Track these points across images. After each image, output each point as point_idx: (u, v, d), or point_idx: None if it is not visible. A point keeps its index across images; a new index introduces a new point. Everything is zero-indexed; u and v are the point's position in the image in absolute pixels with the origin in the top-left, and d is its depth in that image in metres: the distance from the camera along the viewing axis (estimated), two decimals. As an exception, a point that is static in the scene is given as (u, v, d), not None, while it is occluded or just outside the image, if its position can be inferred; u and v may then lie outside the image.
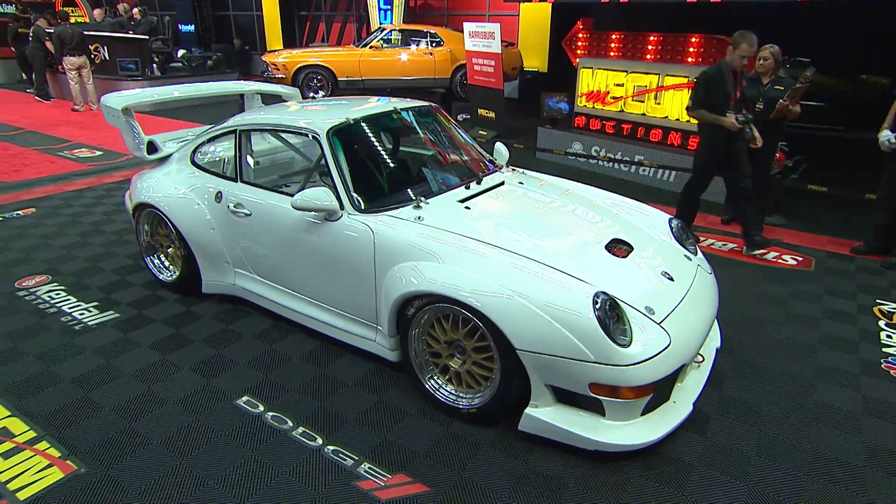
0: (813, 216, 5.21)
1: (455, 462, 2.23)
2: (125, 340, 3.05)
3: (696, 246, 3.07)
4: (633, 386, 2.12)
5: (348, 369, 2.80)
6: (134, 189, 3.64)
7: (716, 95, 4.04)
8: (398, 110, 3.28)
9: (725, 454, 2.31)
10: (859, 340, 3.20)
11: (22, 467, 2.15)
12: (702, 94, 4.10)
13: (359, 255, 2.61)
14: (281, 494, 2.06)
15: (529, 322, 2.15)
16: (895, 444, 2.40)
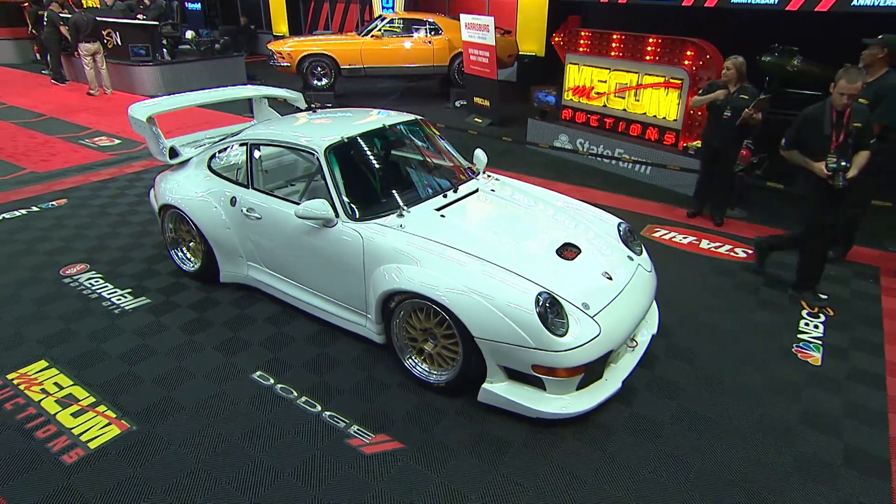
0: (773, 210, 5.66)
1: (426, 425, 2.81)
2: (157, 323, 3.63)
3: (642, 247, 3.58)
4: (567, 367, 2.67)
5: (343, 349, 3.37)
6: (158, 190, 4.18)
7: (810, 137, 3.73)
8: (386, 127, 3.78)
9: (644, 422, 2.87)
10: (780, 328, 3.73)
11: (88, 424, 2.76)
12: (793, 135, 3.81)
13: (351, 256, 3.15)
14: (287, 449, 2.65)
15: (485, 316, 2.70)
16: (785, 414, 2.95)
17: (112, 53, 11.16)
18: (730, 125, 4.86)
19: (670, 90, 6.17)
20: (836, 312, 3.93)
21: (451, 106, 10.05)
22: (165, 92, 11.00)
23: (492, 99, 8.71)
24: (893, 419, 2.95)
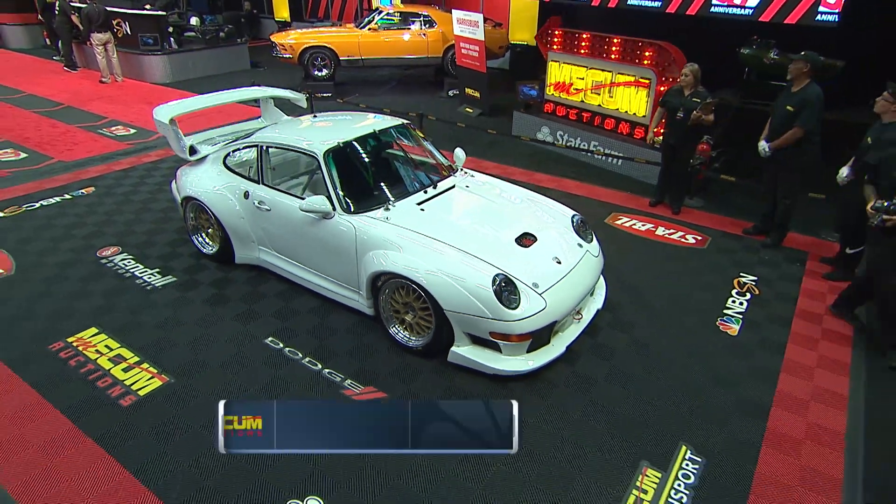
0: (728, 201, 6.27)
1: (406, 380, 3.51)
2: (183, 298, 4.32)
3: (593, 235, 4.22)
4: (517, 334, 3.35)
5: (339, 320, 4.06)
6: (180, 183, 4.83)
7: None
8: (377, 131, 4.42)
9: (581, 378, 3.57)
10: (711, 305, 4.40)
11: (136, 377, 3.46)
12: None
13: (346, 243, 3.81)
14: (294, 397, 3.36)
15: (453, 293, 3.37)
16: (698, 374, 3.64)
17: (122, 42, 11.67)
18: (683, 125, 5.47)
19: (640, 88, 6.75)
20: (761, 291, 4.60)
21: (444, 95, 10.60)
22: (173, 79, 11.62)
23: (481, 90, 9.27)
24: (784, 377, 3.64)
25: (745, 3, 6.33)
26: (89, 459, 2.91)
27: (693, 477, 2.92)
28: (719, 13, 6.70)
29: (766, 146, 5.01)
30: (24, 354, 3.65)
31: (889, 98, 4.26)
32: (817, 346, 3.97)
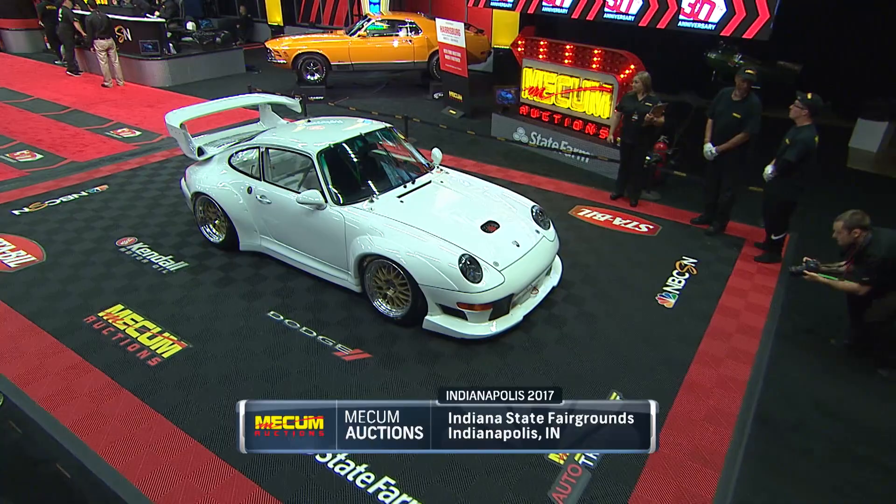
0: (681, 194, 6.96)
1: (387, 343, 4.18)
2: (195, 280, 4.97)
3: (550, 223, 4.89)
4: (480, 304, 4.04)
5: (331, 296, 4.72)
6: (190, 180, 5.47)
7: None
8: (363, 134, 5.08)
9: (535, 342, 4.25)
10: (652, 283, 5.09)
11: (159, 343, 4.12)
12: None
13: (336, 230, 4.48)
14: (293, 358, 4.02)
15: (426, 270, 4.04)
16: (634, 338, 4.33)
17: (123, 48, 12.23)
18: (637, 126, 6.15)
19: (604, 93, 7.44)
20: (698, 272, 5.30)
21: (430, 98, 11.26)
22: (173, 83, 12.23)
23: (464, 93, 9.94)
24: (706, 340, 4.34)
25: (708, 19, 7.01)
26: (128, 406, 3.57)
27: (618, 415, 3.61)
28: (685, 27, 7.39)
29: (712, 149, 5.68)
30: (64, 326, 4.30)
31: (799, 105, 4.96)
32: (739, 315, 4.67)
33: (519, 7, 8.55)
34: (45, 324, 4.33)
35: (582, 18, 8.07)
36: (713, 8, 6.61)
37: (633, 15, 7.50)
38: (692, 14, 7.01)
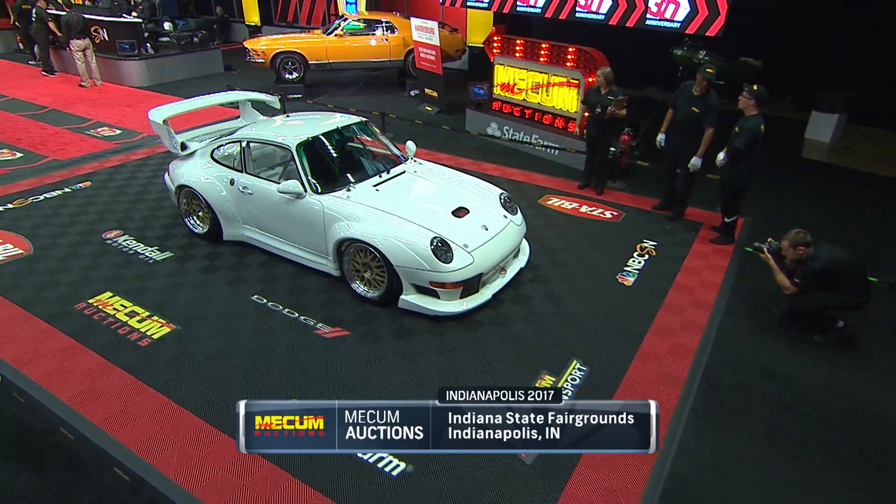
0: (645, 182, 7.36)
1: (365, 322, 4.46)
2: (181, 269, 5.20)
3: (517, 208, 5.21)
4: (451, 282, 4.34)
5: (312, 280, 4.99)
6: (173, 174, 5.68)
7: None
8: (340, 127, 5.35)
9: (503, 318, 4.57)
10: (614, 264, 5.45)
11: (149, 326, 4.35)
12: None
13: (315, 218, 4.74)
14: (277, 337, 4.28)
15: (401, 252, 4.33)
16: (595, 311, 4.67)
17: (100, 48, 12.29)
18: (601, 118, 6.51)
19: (571, 88, 7.80)
20: (657, 253, 5.68)
21: (406, 95, 11.54)
22: (151, 83, 12.33)
23: (439, 90, 10.24)
24: (661, 314, 4.70)
25: (673, 18, 7.40)
26: (121, 382, 3.81)
27: (578, 380, 3.95)
28: (652, 26, 7.77)
29: (663, 138, 6.07)
30: (55, 312, 4.51)
31: (746, 96, 5.36)
32: (692, 292, 5.05)
33: (494, 6, 8.90)
34: (37, 311, 4.53)
35: (555, 17, 8.44)
36: (678, 7, 7.01)
37: (604, 14, 7.89)
38: (658, 13, 7.43)
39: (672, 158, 6.24)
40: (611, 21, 8.00)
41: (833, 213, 6.71)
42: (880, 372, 4.16)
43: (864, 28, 9.92)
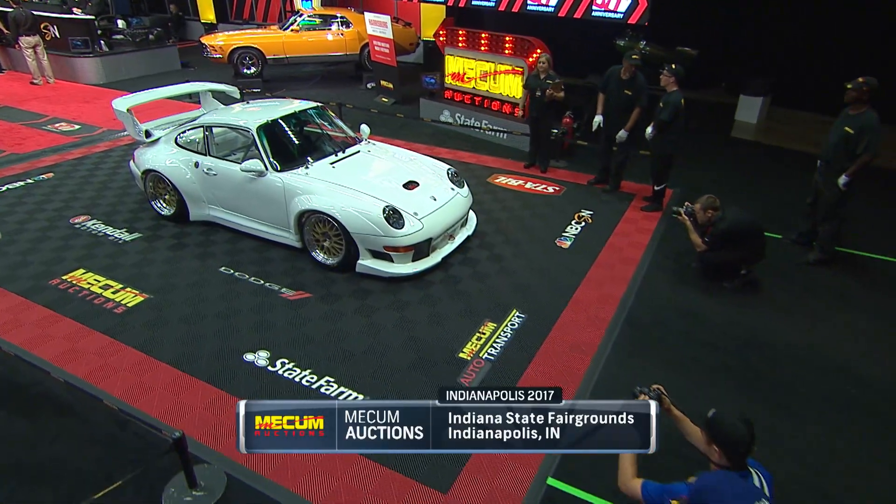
0: (585, 161, 7.95)
1: (326, 285, 4.89)
2: (150, 247, 5.51)
3: (464, 182, 5.71)
4: (403, 246, 4.81)
5: (275, 253, 5.38)
6: (139, 161, 5.96)
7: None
8: (297, 111, 5.75)
9: (452, 278, 5.06)
10: (553, 231, 6.01)
11: (123, 296, 4.68)
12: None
13: (276, 194, 5.14)
14: (245, 300, 4.67)
15: (356, 221, 4.78)
16: (533, 270, 5.21)
17: (51, 45, 12.23)
18: (541, 101, 7.07)
19: (515, 75, 8.36)
20: (593, 221, 6.27)
21: (363, 87, 11.93)
22: (107, 80, 12.36)
23: (394, 82, 10.67)
24: (592, 270, 5.28)
25: (617, 9, 8.03)
26: (101, 343, 4.15)
27: (517, 325, 4.47)
28: (598, 17, 8.37)
29: (601, 119, 6.67)
30: (31, 288, 4.79)
31: (667, 74, 5.99)
32: (622, 251, 5.65)
33: (451, 0, 9.39)
34: (12, 287, 4.80)
35: (508, 11, 8.99)
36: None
37: (553, 7, 8.48)
38: (603, 5, 8.07)
39: (608, 138, 6.85)
40: (560, 13, 8.59)
41: (753, 183, 7.45)
42: (774, 309, 4.83)
43: (786, 20, 10.81)
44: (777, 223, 6.01)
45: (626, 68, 6.49)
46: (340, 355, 4.08)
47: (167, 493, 3.05)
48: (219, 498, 3.03)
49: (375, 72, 11.17)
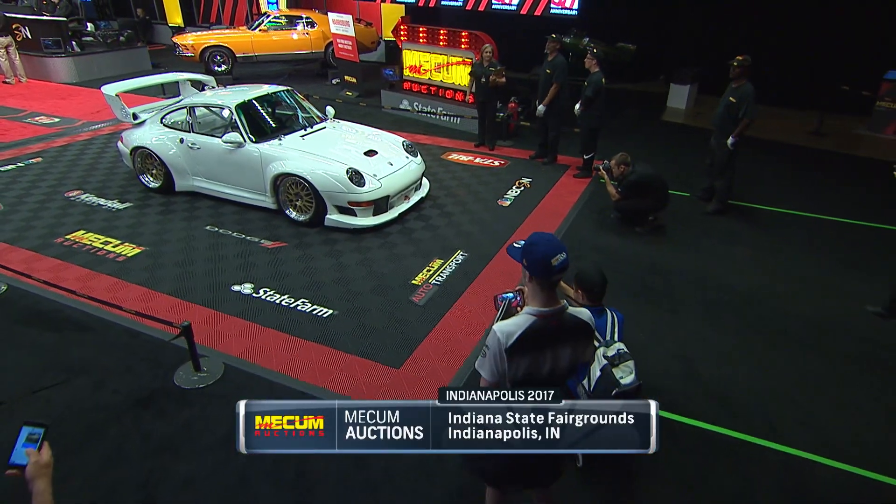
0: (528, 139, 8.94)
1: (299, 237, 5.73)
2: (142, 213, 6.25)
3: (417, 152, 6.62)
4: (364, 201, 5.69)
5: (254, 214, 6.19)
6: (127, 140, 6.68)
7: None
8: (270, 93, 6.58)
9: (406, 230, 5.95)
10: (496, 194, 6.96)
11: (123, 248, 5.43)
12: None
13: (253, 162, 5.96)
14: (228, 251, 5.47)
15: (324, 181, 5.63)
16: (479, 226, 6.14)
17: (25, 46, 12.70)
18: (486, 87, 8.04)
19: (466, 66, 9.31)
20: (531, 185, 7.24)
21: (329, 83, 12.75)
22: (80, 79, 12.91)
23: (357, 76, 11.53)
24: (526, 223, 6.23)
25: (572, 6, 9.09)
26: (107, 282, 4.90)
27: (460, 260, 5.39)
28: (555, 14, 9.38)
29: (543, 108, 7.65)
30: (39, 245, 5.50)
31: (590, 57, 7.03)
32: (553, 208, 6.63)
33: (421, 1, 10.33)
34: (22, 245, 5.50)
35: (474, 10, 10.00)
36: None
37: (516, 5, 9.49)
38: (560, 3, 9.12)
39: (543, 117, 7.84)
40: (521, 10, 9.60)
41: (673, 156, 8.55)
42: (674, 245, 5.86)
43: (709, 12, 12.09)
44: (687, 185, 7.10)
45: (550, 49, 7.49)
46: (313, 284, 4.93)
47: (178, 375, 3.85)
48: (218, 378, 3.84)
49: (340, 68, 12.01)
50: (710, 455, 3.38)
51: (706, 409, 3.69)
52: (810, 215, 6.64)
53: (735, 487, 3.19)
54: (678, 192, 6.85)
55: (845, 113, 10.36)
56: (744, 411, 3.69)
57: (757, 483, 3.21)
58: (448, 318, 4.54)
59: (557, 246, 2.02)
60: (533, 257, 2.02)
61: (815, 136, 9.72)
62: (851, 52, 10.43)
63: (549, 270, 1.99)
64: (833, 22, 10.57)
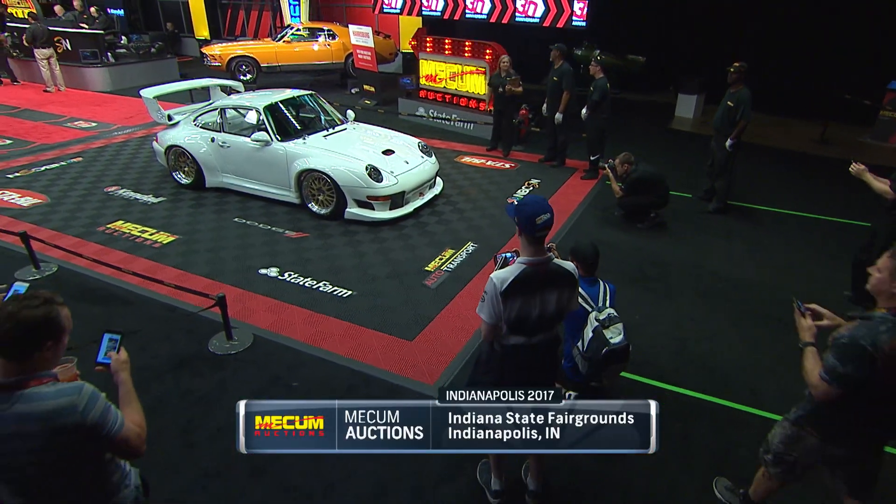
0: (539, 145, 9.32)
1: (320, 228, 6.14)
2: (175, 206, 6.72)
3: (431, 152, 7.03)
4: (382, 196, 6.10)
5: (279, 208, 6.62)
6: (162, 140, 7.19)
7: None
8: (295, 97, 7.06)
9: (420, 223, 6.34)
10: (507, 193, 7.32)
11: (158, 237, 5.89)
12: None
13: (279, 159, 6.41)
14: (256, 240, 5.90)
15: (345, 177, 6.06)
16: (488, 220, 6.52)
17: (63, 57, 13.44)
18: (503, 96, 8.44)
19: (479, 75, 9.76)
20: (539, 185, 7.61)
21: (348, 93, 13.29)
22: (114, 88, 13.58)
23: (375, 85, 12.04)
24: (534, 217, 6.58)
25: (533, 15, 9.52)
26: (146, 265, 5.35)
27: (470, 250, 5.76)
28: (520, 22, 9.80)
29: (560, 117, 8.03)
30: (82, 233, 5.99)
31: (594, 64, 7.42)
32: (562, 205, 6.97)
33: (405, 11, 10.84)
34: (68, 232, 5.99)
35: (450, 19, 10.45)
36: (536, 7, 9.15)
37: (485, 14, 9.94)
38: (524, 11, 9.54)
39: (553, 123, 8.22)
40: (491, 19, 10.03)
41: (678, 161, 8.87)
42: (673, 240, 6.18)
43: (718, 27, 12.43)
44: (691, 187, 7.42)
45: (554, 57, 7.88)
46: (333, 269, 5.34)
47: (212, 343, 4.25)
48: (248, 346, 4.24)
49: (359, 77, 12.54)
50: (696, 419, 3.68)
51: (694, 379, 4.00)
52: (807, 215, 6.92)
53: (718, 447, 3.48)
54: (682, 194, 7.17)
55: (850, 122, 10.60)
56: (728, 381, 3.99)
57: (738, 444, 3.50)
58: (458, 300, 4.90)
59: (544, 207, 2.40)
60: (523, 215, 2.40)
61: (820, 145, 9.98)
62: (856, 62, 10.70)
63: (533, 226, 2.37)
64: (837, 33, 10.86)
